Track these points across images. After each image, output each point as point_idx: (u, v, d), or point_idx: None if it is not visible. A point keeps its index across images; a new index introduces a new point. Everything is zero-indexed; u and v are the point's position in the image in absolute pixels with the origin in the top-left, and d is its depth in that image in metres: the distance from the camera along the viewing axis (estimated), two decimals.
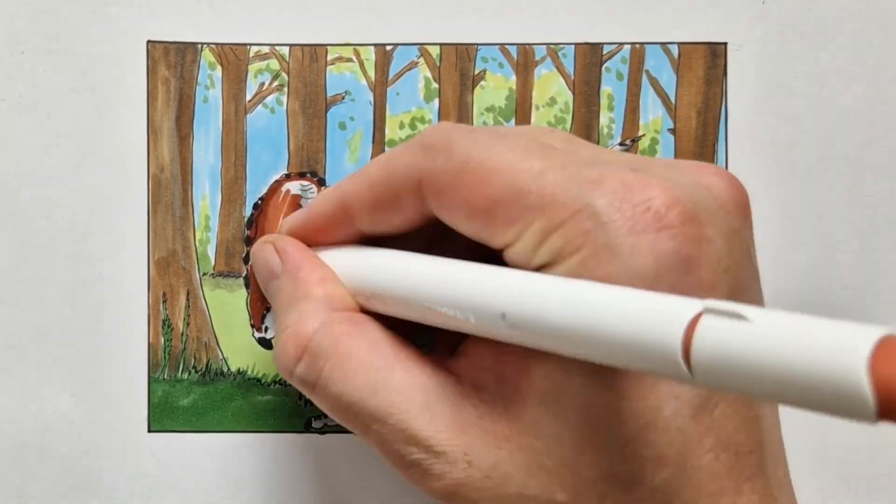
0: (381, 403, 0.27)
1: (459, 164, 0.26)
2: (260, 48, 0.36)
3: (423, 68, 0.36)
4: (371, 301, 0.29)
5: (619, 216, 0.24)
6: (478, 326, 0.25)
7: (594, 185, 0.24)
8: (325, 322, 0.29)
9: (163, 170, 0.36)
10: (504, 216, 0.25)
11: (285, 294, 0.30)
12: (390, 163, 0.29)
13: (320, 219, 0.31)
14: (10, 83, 0.35)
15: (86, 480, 0.36)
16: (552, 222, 0.24)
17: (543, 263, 0.25)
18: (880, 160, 0.36)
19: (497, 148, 0.26)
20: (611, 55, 0.36)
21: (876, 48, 0.36)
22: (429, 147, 0.27)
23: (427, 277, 0.27)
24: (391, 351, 0.28)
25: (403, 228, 0.29)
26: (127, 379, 0.36)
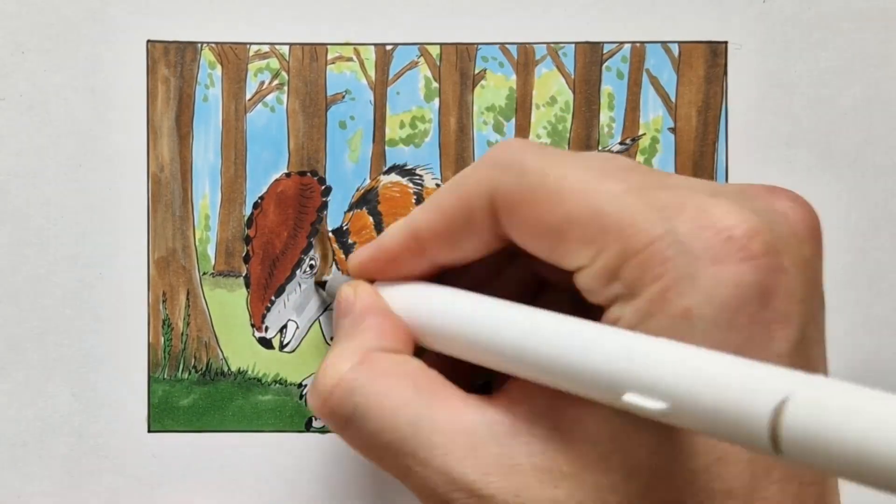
0: (422, 444, 0.26)
1: (534, 180, 0.25)
2: (260, 47, 0.36)
3: (424, 68, 0.36)
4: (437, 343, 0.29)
5: (701, 244, 0.23)
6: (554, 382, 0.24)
7: (674, 211, 0.23)
8: (364, 360, 0.28)
9: (163, 169, 0.36)
10: (579, 237, 0.24)
11: (342, 330, 0.30)
12: (460, 185, 0.28)
13: (391, 251, 0.30)
14: (10, 83, 0.35)
15: (86, 480, 0.35)
16: (630, 247, 0.23)
17: (619, 291, 0.24)
18: (880, 160, 0.36)
19: (573, 167, 0.25)
20: (611, 54, 0.36)
21: (876, 48, 0.36)
22: (501, 163, 0.27)
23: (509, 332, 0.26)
24: (433, 389, 0.27)
25: (476, 255, 0.29)
26: (127, 379, 0.36)
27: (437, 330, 0.28)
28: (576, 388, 0.24)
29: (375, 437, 0.26)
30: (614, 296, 0.24)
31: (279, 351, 0.36)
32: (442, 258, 0.29)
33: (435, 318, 0.28)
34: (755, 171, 0.36)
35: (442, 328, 0.28)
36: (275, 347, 0.36)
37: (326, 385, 0.28)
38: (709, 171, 0.36)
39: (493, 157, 0.27)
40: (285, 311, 0.36)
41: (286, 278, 0.36)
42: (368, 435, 0.27)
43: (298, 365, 0.36)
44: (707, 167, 0.36)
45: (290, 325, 0.36)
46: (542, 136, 0.36)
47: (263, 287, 0.36)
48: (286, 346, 0.36)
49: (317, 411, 0.28)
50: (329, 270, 0.36)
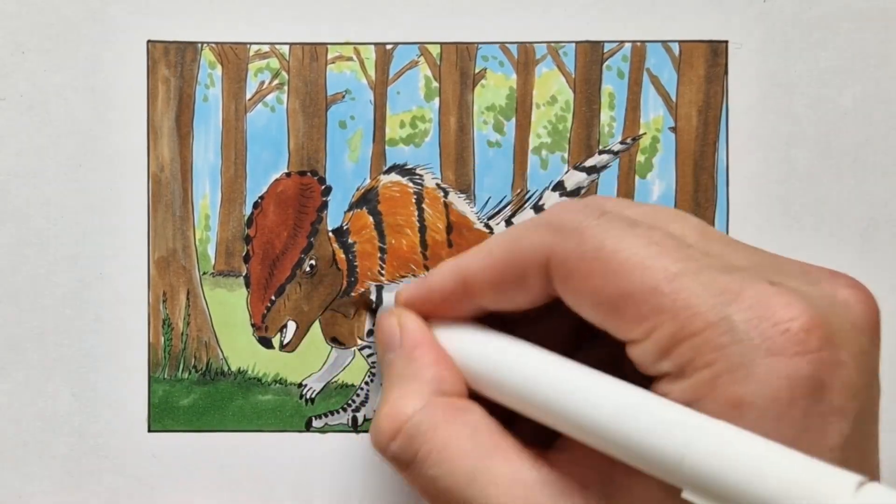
0: (476, 494, 0.26)
1: (591, 250, 0.25)
2: (260, 47, 0.36)
3: (424, 67, 0.36)
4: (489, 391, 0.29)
5: (757, 335, 0.23)
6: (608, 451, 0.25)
7: (732, 298, 0.23)
8: (428, 405, 0.28)
9: (163, 169, 0.36)
10: (633, 312, 0.24)
11: (396, 369, 0.30)
12: (516, 241, 0.28)
13: (439, 293, 0.30)
14: (11, 83, 0.35)
15: (86, 480, 0.35)
16: (685, 330, 0.23)
17: (669, 370, 0.24)
18: (880, 159, 0.36)
19: (631, 240, 0.25)
20: (612, 53, 0.36)
21: (876, 48, 0.36)
22: (558, 228, 0.27)
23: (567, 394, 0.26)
24: (492, 440, 0.27)
25: (525, 306, 0.29)
26: (127, 379, 0.36)
27: (492, 380, 0.28)
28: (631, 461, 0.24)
29: (434, 481, 0.27)
30: (664, 372, 0.24)
31: (279, 351, 0.36)
32: (490, 305, 0.29)
33: (490, 366, 0.29)
34: (755, 171, 0.36)
35: (497, 379, 0.28)
36: (275, 347, 0.36)
37: (390, 428, 0.28)
38: (709, 170, 0.36)
39: (553, 220, 0.27)
40: (285, 310, 0.36)
41: (286, 278, 0.36)
42: (427, 479, 0.27)
43: (298, 365, 0.36)
44: (707, 167, 0.36)
45: (290, 324, 0.36)
46: (543, 136, 0.36)
47: (263, 287, 0.36)
48: (286, 346, 0.36)
49: (379, 451, 0.29)
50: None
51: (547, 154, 0.36)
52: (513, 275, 0.28)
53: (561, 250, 0.26)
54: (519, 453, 0.27)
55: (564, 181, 0.36)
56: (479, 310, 0.30)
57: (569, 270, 0.26)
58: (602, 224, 0.26)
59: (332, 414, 0.36)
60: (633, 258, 0.25)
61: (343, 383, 0.36)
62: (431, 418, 0.28)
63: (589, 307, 0.26)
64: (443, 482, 0.27)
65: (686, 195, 0.36)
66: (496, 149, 0.36)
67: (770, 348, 0.23)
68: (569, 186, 0.36)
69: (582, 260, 0.26)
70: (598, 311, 0.26)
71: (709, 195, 0.36)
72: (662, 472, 0.23)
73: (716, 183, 0.36)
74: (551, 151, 0.36)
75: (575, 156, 0.36)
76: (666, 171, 0.36)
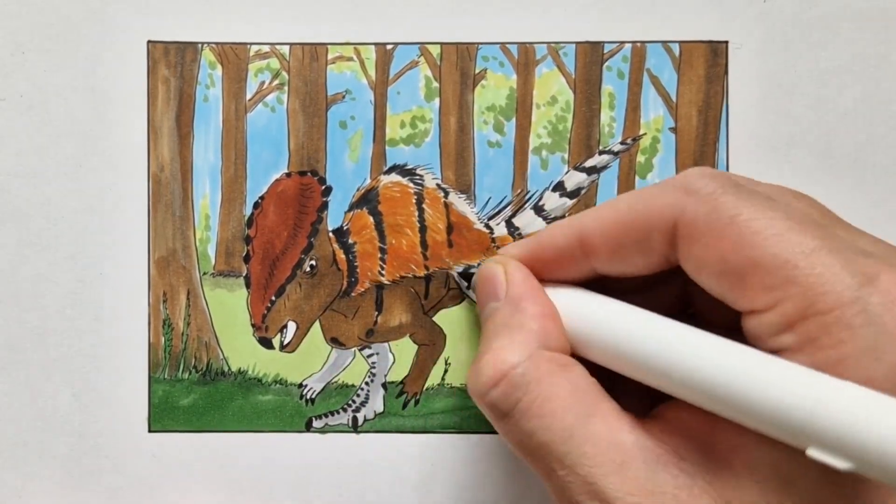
0: (572, 451, 0.26)
1: (726, 217, 0.25)
2: (260, 47, 0.36)
3: (424, 67, 0.36)
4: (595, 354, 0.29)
5: (891, 319, 0.23)
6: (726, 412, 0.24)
7: (867, 280, 0.23)
8: (533, 356, 0.28)
9: (163, 169, 0.36)
10: (760, 282, 0.24)
11: (500, 318, 0.30)
12: (644, 199, 0.28)
13: (552, 250, 0.30)
14: (11, 83, 0.35)
15: (86, 480, 0.35)
16: (815, 305, 0.23)
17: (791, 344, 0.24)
18: (880, 159, 0.36)
19: (769, 212, 0.25)
20: (612, 54, 0.36)
21: (876, 48, 0.36)
22: (693, 191, 0.26)
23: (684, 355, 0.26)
24: (593, 400, 0.27)
25: (640, 272, 0.29)
26: (127, 379, 0.36)
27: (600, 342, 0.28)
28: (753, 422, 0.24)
29: (530, 435, 0.27)
30: (783, 347, 0.24)
31: (279, 351, 0.36)
32: (604, 267, 0.29)
33: (601, 325, 0.28)
34: (755, 171, 0.36)
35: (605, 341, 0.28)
36: (275, 347, 0.36)
37: (492, 375, 0.28)
38: None
39: (686, 182, 0.27)
40: (285, 311, 0.36)
41: (286, 278, 0.36)
42: (523, 432, 0.27)
43: (298, 365, 0.36)
44: (708, 166, 0.36)
45: (290, 325, 0.36)
46: (543, 136, 0.36)
47: (263, 287, 0.36)
48: (286, 346, 0.36)
49: (476, 397, 0.29)
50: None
51: (547, 154, 0.36)
52: (637, 234, 0.28)
53: (692, 212, 0.26)
54: (618, 416, 0.27)
55: (564, 181, 0.36)
56: (589, 272, 0.30)
57: (698, 232, 0.26)
58: (738, 191, 0.26)
59: (332, 414, 0.36)
60: (770, 229, 0.25)
61: (343, 383, 0.36)
62: (536, 370, 0.28)
63: (711, 274, 0.26)
64: (539, 436, 0.27)
65: None
66: (496, 149, 0.36)
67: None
68: (569, 187, 0.36)
69: (714, 224, 0.25)
70: (721, 278, 0.25)
71: None
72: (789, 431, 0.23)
73: None
74: (551, 152, 0.36)
75: (575, 156, 0.36)
76: (666, 172, 0.36)
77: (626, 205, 0.28)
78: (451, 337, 0.36)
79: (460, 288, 0.36)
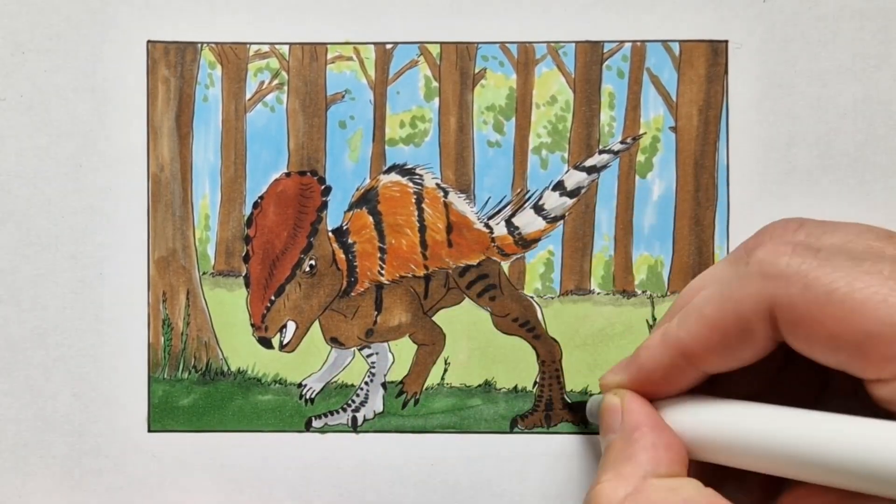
0: None
1: (822, 295, 0.25)
2: (260, 47, 0.36)
3: (424, 67, 0.36)
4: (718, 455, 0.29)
5: None
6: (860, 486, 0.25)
7: None
8: (640, 488, 0.28)
9: (163, 169, 0.36)
10: (881, 352, 0.24)
11: (615, 449, 0.30)
12: (731, 299, 0.27)
13: (659, 371, 0.30)
14: (11, 83, 0.35)
15: (86, 480, 0.35)
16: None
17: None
18: (880, 159, 0.36)
19: (864, 278, 0.25)
20: (612, 53, 0.36)
21: (876, 48, 0.36)
22: (777, 276, 0.26)
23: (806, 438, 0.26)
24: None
25: (752, 360, 0.28)
26: (127, 379, 0.36)
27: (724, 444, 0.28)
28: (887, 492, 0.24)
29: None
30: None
31: (279, 351, 0.36)
32: (714, 367, 0.29)
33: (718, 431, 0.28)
34: (755, 171, 0.36)
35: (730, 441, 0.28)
36: (275, 347, 0.36)
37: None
38: (710, 169, 0.36)
39: (765, 267, 0.26)
40: (285, 310, 0.36)
41: (286, 278, 0.36)
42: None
43: (298, 365, 0.36)
44: (708, 166, 0.36)
45: (289, 324, 0.36)
46: (543, 136, 0.36)
47: (263, 287, 0.36)
48: (286, 346, 0.36)
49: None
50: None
51: (547, 154, 0.36)
52: (735, 331, 0.27)
53: (786, 297, 0.26)
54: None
55: (564, 181, 0.36)
56: (701, 376, 0.29)
57: (798, 317, 0.25)
58: (824, 265, 0.25)
59: (332, 414, 0.36)
60: (873, 298, 0.24)
61: (343, 383, 0.36)
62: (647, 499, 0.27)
63: (825, 350, 0.25)
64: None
65: (686, 195, 0.36)
66: (496, 148, 0.36)
67: None
68: (569, 186, 0.36)
69: (813, 304, 0.25)
70: (838, 354, 0.25)
71: (709, 195, 0.36)
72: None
73: (716, 182, 0.36)
74: (551, 151, 0.36)
75: (575, 155, 0.36)
76: (666, 171, 0.36)
77: (714, 305, 0.28)
78: (450, 337, 0.36)
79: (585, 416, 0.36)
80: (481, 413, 0.36)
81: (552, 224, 0.36)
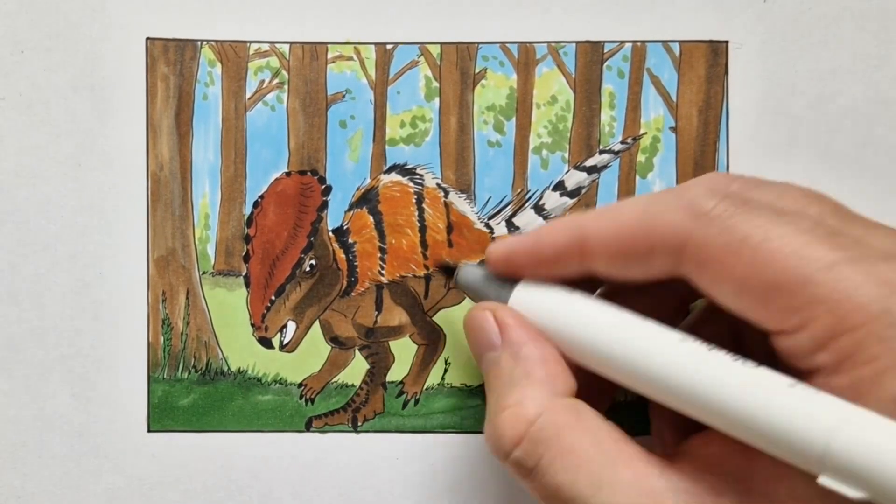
0: (605, 502, 0.25)
1: (737, 239, 0.25)
2: (260, 45, 0.36)
3: (424, 67, 0.36)
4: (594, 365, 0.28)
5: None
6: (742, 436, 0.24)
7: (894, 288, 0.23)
8: (549, 409, 0.27)
9: (162, 168, 0.36)
10: (785, 303, 0.24)
11: (504, 370, 0.29)
12: (650, 217, 0.27)
13: (551, 248, 0.29)
14: (10, 82, 0.35)
15: (86, 480, 0.35)
16: (844, 323, 0.23)
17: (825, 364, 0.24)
18: (880, 160, 0.36)
19: (781, 228, 0.25)
20: (612, 53, 0.36)
21: (876, 48, 0.36)
22: (701, 213, 0.26)
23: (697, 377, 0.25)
24: (616, 447, 0.27)
25: (639, 279, 0.28)
26: (127, 379, 0.36)
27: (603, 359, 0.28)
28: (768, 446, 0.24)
29: (558, 489, 0.26)
30: (819, 366, 0.24)
31: (279, 351, 0.36)
32: (603, 271, 0.28)
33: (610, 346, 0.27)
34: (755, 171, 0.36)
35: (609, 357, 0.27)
36: (275, 347, 0.36)
37: (514, 433, 0.27)
38: (710, 170, 0.36)
39: (692, 201, 0.26)
40: (285, 310, 0.36)
41: (286, 278, 0.36)
42: (550, 487, 0.27)
43: (298, 365, 0.36)
44: (708, 167, 0.36)
45: (290, 324, 0.36)
46: (543, 136, 0.36)
47: (263, 287, 0.36)
48: (286, 346, 0.36)
49: (500, 457, 0.28)
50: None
51: (547, 154, 0.36)
52: (640, 247, 0.27)
53: (701, 236, 0.26)
54: (646, 460, 0.26)
55: (565, 181, 0.36)
56: (585, 273, 0.29)
57: (709, 257, 0.25)
58: (747, 213, 0.25)
59: (332, 414, 0.36)
60: (786, 248, 0.24)
61: (343, 383, 0.36)
62: (554, 423, 0.27)
63: (730, 295, 0.25)
64: (568, 490, 0.26)
65: None
66: (496, 148, 0.36)
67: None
68: (569, 186, 0.36)
69: (726, 248, 0.25)
70: (741, 299, 0.25)
71: None
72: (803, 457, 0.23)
73: None
74: (552, 151, 0.36)
75: (575, 155, 0.36)
76: (666, 171, 0.36)
77: (632, 216, 0.27)
78: (450, 337, 0.36)
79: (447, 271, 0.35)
80: (481, 413, 0.36)
81: None
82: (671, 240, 0.26)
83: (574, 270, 0.29)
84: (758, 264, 0.24)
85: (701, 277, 0.26)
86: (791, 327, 0.24)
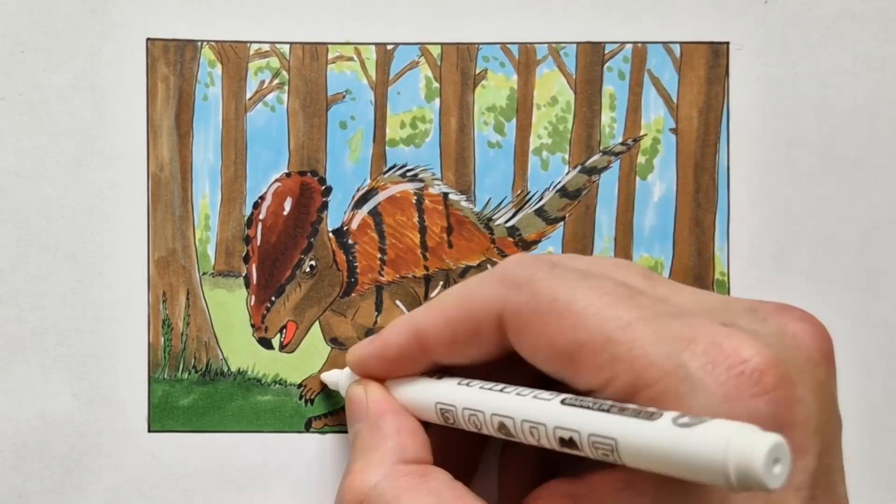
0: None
1: (545, 303, 0.26)
2: (260, 46, 0.36)
3: (424, 67, 0.36)
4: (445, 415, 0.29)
5: (713, 381, 0.23)
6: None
7: (685, 344, 0.23)
8: (389, 474, 0.28)
9: (162, 168, 0.36)
10: (590, 362, 0.25)
11: (362, 438, 0.30)
12: (468, 297, 0.28)
13: (393, 350, 0.31)
14: (9, 82, 0.35)
15: (86, 480, 0.35)
16: (642, 379, 0.24)
17: None
18: (880, 160, 0.36)
19: (584, 291, 0.25)
20: (612, 54, 0.36)
21: (877, 49, 0.36)
22: (511, 283, 0.27)
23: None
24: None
25: (480, 361, 0.29)
26: (127, 379, 0.36)
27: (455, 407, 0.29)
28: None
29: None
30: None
31: (279, 351, 0.36)
32: (445, 360, 0.30)
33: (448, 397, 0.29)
34: (756, 172, 0.36)
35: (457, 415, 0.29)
36: (275, 347, 0.36)
37: (351, 499, 0.28)
38: (710, 171, 0.36)
39: (504, 274, 0.27)
40: (285, 311, 0.36)
41: (286, 278, 0.36)
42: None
43: (298, 365, 0.36)
44: (708, 168, 0.36)
45: (289, 325, 0.36)
46: (543, 137, 0.36)
47: (263, 287, 0.36)
48: (286, 347, 0.36)
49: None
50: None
51: (547, 155, 0.36)
52: (466, 330, 0.28)
53: (514, 303, 0.27)
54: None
55: (565, 182, 0.36)
56: (431, 365, 0.30)
57: (522, 323, 0.26)
58: (554, 276, 0.26)
59: (331, 414, 0.36)
60: (588, 309, 0.25)
61: None
62: (394, 487, 0.28)
63: (544, 359, 0.26)
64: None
65: (687, 196, 0.36)
66: (497, 149, 0.36)
67: (727, 393, 0.23)
68: (569, 187, 0.36)
69: (535, 312, 0.26)
70: (554, 362, 0.26)
71: (709, 196, 0.36)
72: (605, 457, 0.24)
73: (716, 184, 0.36)
74: (552, 152, 0.36)
75: (575, 157, 0.36)
76: (667, 173, 0.36)
77: (452, 303, 0.29)
78: None
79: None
80: None
81: (552, 225, 0.36)
82: (489, 313, 0.27)
83: (422, 364, 0.31)
84: (565, 326, 0.25)
85: (520, 345, 0.27)
86: (597, 385, 0.25)
